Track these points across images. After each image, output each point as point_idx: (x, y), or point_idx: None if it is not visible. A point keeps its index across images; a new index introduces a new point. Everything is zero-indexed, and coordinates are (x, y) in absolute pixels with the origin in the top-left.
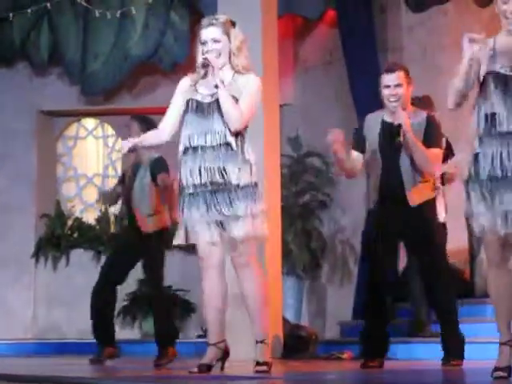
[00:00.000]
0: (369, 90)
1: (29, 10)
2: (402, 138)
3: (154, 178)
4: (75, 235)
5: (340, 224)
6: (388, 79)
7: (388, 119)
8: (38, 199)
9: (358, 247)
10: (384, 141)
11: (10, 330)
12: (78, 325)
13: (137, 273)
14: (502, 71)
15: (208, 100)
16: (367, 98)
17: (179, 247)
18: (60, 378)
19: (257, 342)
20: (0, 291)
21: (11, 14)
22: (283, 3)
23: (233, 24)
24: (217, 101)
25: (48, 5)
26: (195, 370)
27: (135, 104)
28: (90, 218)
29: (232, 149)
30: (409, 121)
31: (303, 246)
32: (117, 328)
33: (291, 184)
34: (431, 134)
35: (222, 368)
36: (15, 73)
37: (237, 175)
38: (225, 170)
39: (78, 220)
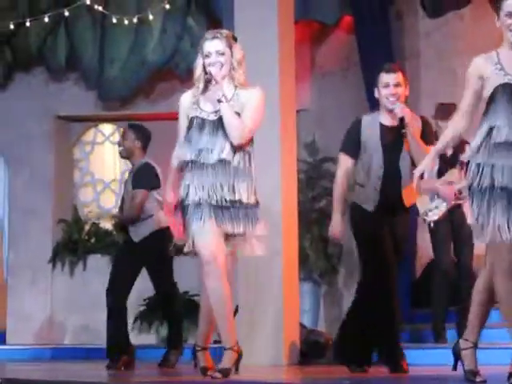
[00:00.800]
0: None
1: (46, 16)
2: (406, 131)
3: (134, 186)
4: (92, 240)
5: None
6: (388, 78)
7: (384, 121)
8: (55, 204)
9: None
10: (385, 143)
11: (26, 335)
12: (95, 330)
13: None
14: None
15: (212, 118)
16: None
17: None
18: (76, 383)
19: (224, 349)
20: (17, 296)
21: (28, 20)
22: (300, 9)
23: (234, 39)
24: (221, 117)
25: (65, 10)
26: (218, 375)
27: (152, 110)
28: (107, 223)
29: (235, 166)
30: (410, 114)
31: (320, 252)
32: (133, 333)
33: (308, 189)
34: (428, 134)
35: (237, 370)
36: (32, 78)
37: (244, 194)
38: (226, 186)
39: (95, 225)
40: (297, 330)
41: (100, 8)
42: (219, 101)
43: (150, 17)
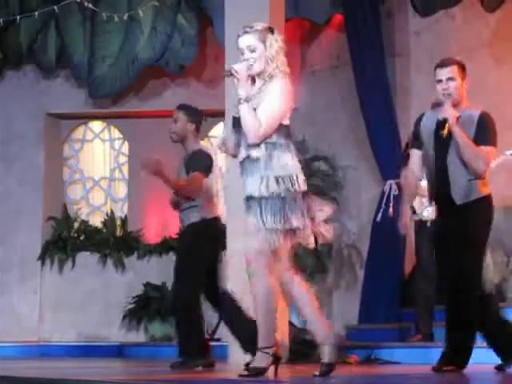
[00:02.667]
0: (376, 94)
1: (36, 13)
2: (445, 132)
3: (187, 173)
4: (81, 238)
5: (346, 228)
6: (440, 73)
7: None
8: (44, 202)
9: (365, 251)
10: (436, 138)
11: (15, 332)
12: (84, 328)
13: (144, 276)
14: None
15: (238, 115)
16: (374, 102)
17: None
18: (65, 380)
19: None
20: (6, 294)
21: (19, 17)
22: (291, 7)
23: (271, 31)
24: None
25: (55, 8)
26: (247, 373)
27: (142, 107)
28: (97, 221)
29: (256, 160)
30: (456, 115)
31: (309, 250)
32: (122, 331)
33: None
34: (481, 132)
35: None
36: (22, 75)
37: (257, 187)
38: (252, 182)
39: (85, 223)
40: (286, 328)
41: (90, 5)
42: (238, 102)
43: (141, 14)
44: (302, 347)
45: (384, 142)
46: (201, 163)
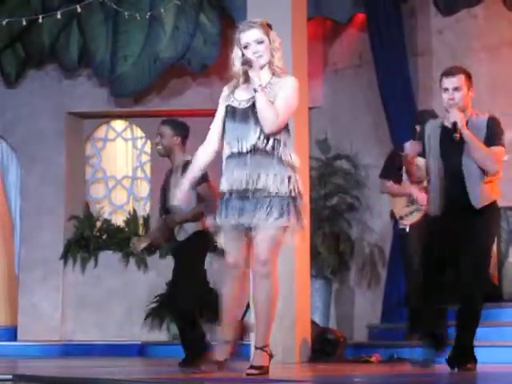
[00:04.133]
0: (398, 93)
1: (58, 13)
2: (458, 135)
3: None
4: (104, 237)
5: (368, 227)
6: (446, 82)
7: (447, 124)
8: (66, 201)
9: (387, 250)
10: (445, 145)
11: (38, 331)
12: (107, 327)
13: (166, 275)
14: None
15: (243, 105)
16: (396, 101)
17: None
18: (87, 379)
19: (256, 348)
20: (29, 293)
21: (41, 17)
22: (313, 6)
23: (270, 26)
24: (253, 105)
25: (78, 7)
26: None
27: (164, 106)
28: (119, 219)
29: (267, 155)
30: (464, 119)
31: (331, 249)
32: (145, 330)
33: (320, 186)
34: (491, 133)
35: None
36: (45, 75)
37: (273, 183)
38: (259, 176)
39: (107, 222)
40: (308, 327)
41: (112, 4)
42: (255, 90)
43: (163, 13)
44: (325, 346)
45: (406, 140)
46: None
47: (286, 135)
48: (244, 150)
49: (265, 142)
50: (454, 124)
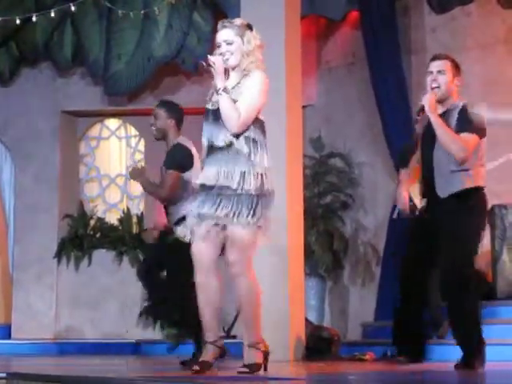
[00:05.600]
0: (392, 91)
1: (52, 11)
2: (419, 117)
3: (166, 167)
4: (98, 235)
5: (362, 225)
6: (432, 65)
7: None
8: (60, 199)
9: (381, 248)
10: (424, 136)
11: (32, 329)
12: (100, 325)
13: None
14: None
15: (215, 107)
16: (390, 99)
17: None
18: (81, 378)
19: (247, 347)
20: (23, 291)
21: (35, 15)
22: (306, 4)
23: (249, 27)
24: None
25: (71, 5)
26: (197, 367)
27: None
28: (113, 218)
29: (237, 153)
30: (434, 104)
31: (325, 247)
32: (139, 328)
33: (313, 185)
34: (462, 120)
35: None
36: (39, 73)
37: (239, 180)
38: (229, 173)
39: (101, 220)
40: (302, 325)
41: (106, 3)
42: (217, 92)
43: (157, 12)
44: (319, 344)
45: (400, 138)
46: (173, 159)
47: (258, 133)
48: (215, 148)
49: (234, 140)
50: (422, 107)
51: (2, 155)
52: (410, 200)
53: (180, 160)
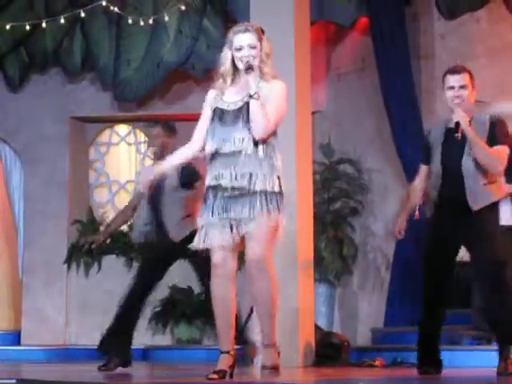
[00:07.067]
0: (401, 97)
1: (62, 17)
2: (459, 134)
3: (183, 184)
4: (107, 241)
5: (372, 231)
6: (453, 80)
7: (448, 123)
8: (70, 205)
9: (390, 254)
10: (447, 146)
11: (42, 335)
12: None
13: (169, 279)
14: None
15: (232, 108)
16: (399, 105)
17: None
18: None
19: (266, 346)
20: (32, 297)
21: (44, 21)
22: (316, 10)
23: (263, 32)
24: (241, 108)
25: (81, 11)
26: (214, 376)
27: (168, 110)
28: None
29: (256, 156)
30: (467, 118)
31: (335, 253)
32: (149, 334)
33: (323, 191)
34: (494, 133)
35: (232, 376)
36: (48, 79)
37: (260, 182)
38: (248, 175)
39: None
40: (312, 331)
41: (116, 9)
42: (251, 96)
43: (166, 18)
44: (328, 350)
45: (409, 144)
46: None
47: (273, 137)
48: (230, 151)
49: (251, 143)
50: (457, 123)
51: (12, 160)
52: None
53: (190, 176)
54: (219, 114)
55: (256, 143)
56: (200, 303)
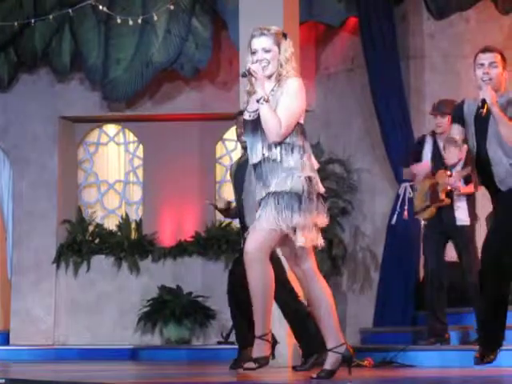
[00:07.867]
0: (390, 97)
1: (51, 17)
2: (484, 111)
3: None
4: (96, 241)
5: (361, 231)
6: (483, 57)
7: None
8: (59, 205)
9: (379, 254)
10: (476, 126)
11: (30, 335)
12: (99, 331)
13: (159, 279)
14: None
15: (253, 117)
16: (389, 105)
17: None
18: (80, 383)
19: (330, 350)
20: (21, 297)
21: (33, 21)
22: (305, 10)
23: (284, 36)
24: (259, 116)
25: (70, 11)
26: (253, 365)
27: (156, 110)
28: (111, 224)
29: (275, 163)
30: (495, 97)
31: (324, 253)
32: (138, 334)
33: None
34: None
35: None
36: (37, 79)
37: (278, 185)
38: (269, 182)
39: (99, 226)
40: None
41: (105, 8)
42: (258, 101)
43: (155, 18)
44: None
45: (398, 144)
46: None
47: (299, 138)
48: (256, 161)
49: (273, 149)
50: (483, 101)
51: (0, 161)
52: (416, 213)
53: None
54: (245, 125)
55: (276, 149)
56: (189, 303)
